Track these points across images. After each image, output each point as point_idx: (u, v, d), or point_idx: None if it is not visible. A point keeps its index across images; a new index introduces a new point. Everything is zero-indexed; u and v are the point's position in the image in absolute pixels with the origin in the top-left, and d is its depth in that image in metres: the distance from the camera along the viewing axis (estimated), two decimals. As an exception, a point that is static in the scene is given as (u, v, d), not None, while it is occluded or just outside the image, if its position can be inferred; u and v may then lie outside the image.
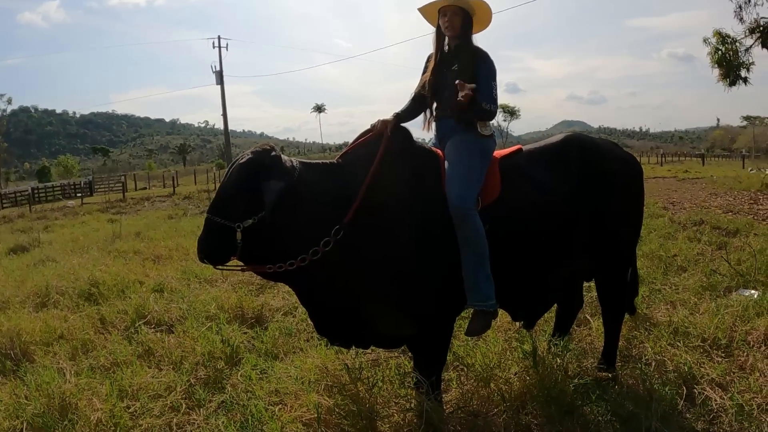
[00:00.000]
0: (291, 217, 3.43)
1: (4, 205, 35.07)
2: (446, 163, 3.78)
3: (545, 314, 4.70)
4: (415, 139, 3.91)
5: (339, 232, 3.45)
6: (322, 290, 3.66)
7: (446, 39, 4.04)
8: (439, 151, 3.91)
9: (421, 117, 4.08)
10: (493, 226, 3.65)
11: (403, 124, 3.91)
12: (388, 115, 3.88)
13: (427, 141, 4.20)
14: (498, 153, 4.01)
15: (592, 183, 4.01)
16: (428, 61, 4.12)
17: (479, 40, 4.01)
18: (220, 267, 3.61)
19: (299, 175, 3.52)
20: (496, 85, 3.81)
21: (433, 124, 4.09)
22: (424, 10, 4.07)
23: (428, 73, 4.05)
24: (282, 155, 3.59)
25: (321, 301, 3.71)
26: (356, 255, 3.54)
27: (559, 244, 3.98)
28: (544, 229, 3.89)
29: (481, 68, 3.83)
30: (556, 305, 4.75)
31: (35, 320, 6.06)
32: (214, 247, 3.50)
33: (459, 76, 3.83)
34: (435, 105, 4.05)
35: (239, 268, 3.66)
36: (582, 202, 3.97)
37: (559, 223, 3.93)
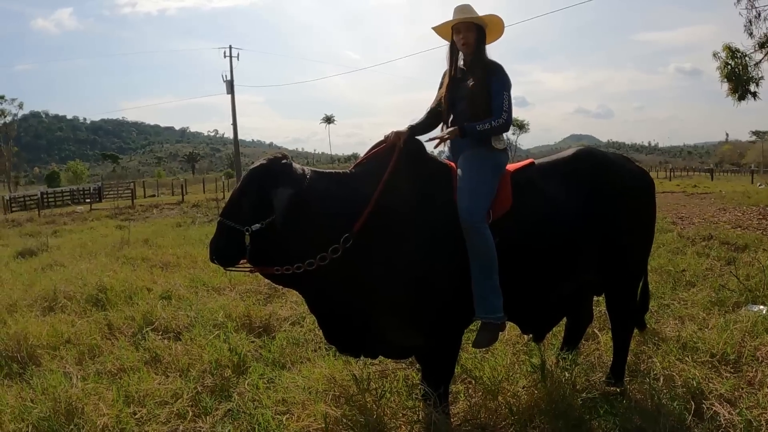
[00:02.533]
0: (300, 223, 3.48)
1: (14, 209, 35.23)
2: (458, 175, 3.78)
3: (554, 328, 4.68)
4: (428, 151, 3.94)
5: (348, 240, 3.48)
6: (330, 297, 3.69)
7: (460, 54, 4.07)
8: (451, 164, 3.93)
9: (434, 131, 4.10)
10: (504, 239, 3.65)
11: (417, 137, 3.94)
12: (397, 127, 3.90)
13: (437, 153, 4.21)
14: (510, 166, 4.02)
15: (603, 197, 4.00)
16: (444, 77, 4.16)
17: (490, 51, 4.04)
18: (231, 268, 3.73)
19: (310, 182, 3.58)
20: (509, 96, 3.84)
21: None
22: (438, 28, 4.10)
23: (443, 89, 4.07)
24: (294, 163, 3.66)
25: (330, 309, 3.74)
26: (365, 263, 3.57)
27: (569, 258, 3.98)
28: (554, 242, 3.88)
29: (494, 81, 3.86)
30: (565, 319, 4.73)
31: (42, 324, 6.07)
32: (224, 249, 3.63)
33: (473, 90, 3.87)
34: (450, 119, 4.07)
35: (248, 269, 3.73)
36: (593, 216, 3.96)
37: (570, 236, 3.93)
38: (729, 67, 20.10)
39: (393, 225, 3.59)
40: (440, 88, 4.14)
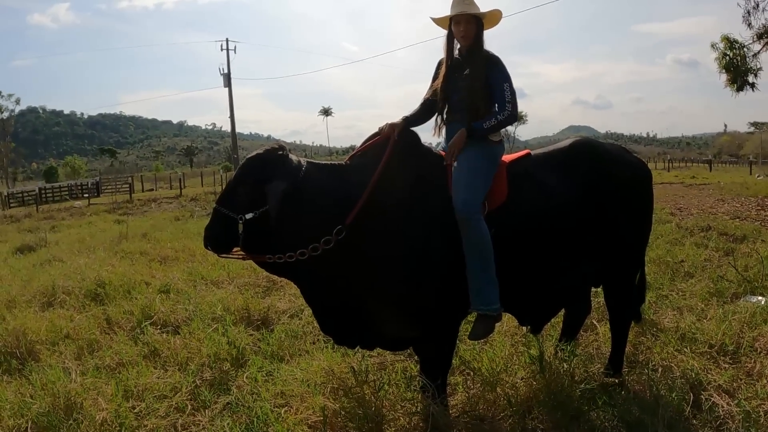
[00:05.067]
0: (293, 214, 3.52)
1: (12, 205, 35.24)
2: (453, 167, 3.78)
3: (552, 319, 4.67)
4: (423, 143, 3.93)
5: (341, 231, 3.50)
6: (325, 288, 3.71)
7: (456, 44, 4.05)
8: (442, 153, 3.92)
9: (430, 122, 4.08)
10: (500, 231, 3.65)
11: (412, 129, 3.93)
12: (395, 119, 3.89)
13: (434, 144, 4.19)
14: (506, 157, 4.01)
15: (600, 188, 3.99)
16: (439, 67, 4.11)
17: (487, 41, 4.01)
18: (224, 255, 3.78)
19: (304, 174, 3.62)
20: (510, 87, 3.81)
21: (443, 129, 4.09)
22: (436, 19, 4.08)
23: (439, 79, 4.04)
24: (290, 154, 3.70)
25: (324, 299, 3.77)
26: (358, 254, 3.59)
27: (566, 249, 3.97)
28: (551, 234, 3.88)
29: (494, 73, 3.84)
30: (563, 310, 4.73)
31: (41, 319, 6.07)
32: (218, 236, 3.71)
33: (471, 81, 3.85)
34: (445, 109, 4.05)
35: (240, 256, 3.77)
36: (590, 207, 3.96)
37: (567, 228, 3.92)
38: (727, 57, 20.09)
39: (387, 217, 3.60)
40: (435, 78, 4.11)
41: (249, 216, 3.54)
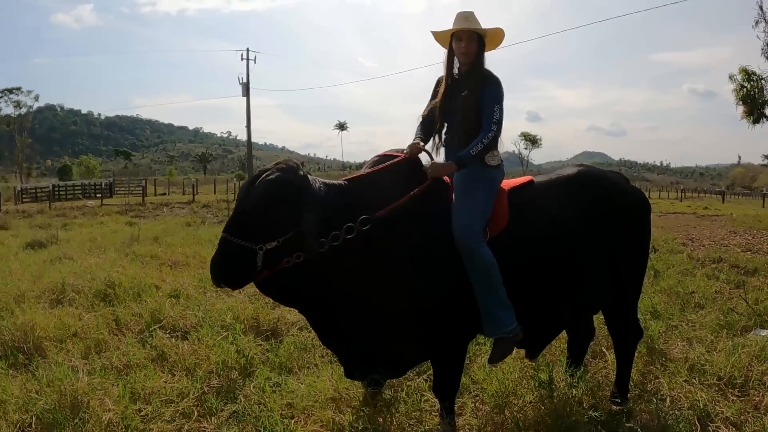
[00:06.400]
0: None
1: (24, 200, 35.40)
2: (453, 193, 3.76)
3: (560, 345, 4.66)
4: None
5: (365, 222, 3.40)
6: (327, 304, 3.59)
7: (457, 63, 4.01)
8: (447, 179, 3.89)
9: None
10: (500, 257, 3.61)
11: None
12: (409, 135, 3.94)
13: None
14: (508, 183, 4.00)
15: (606, 217, 4.01)
16: (438, 84, 4.08)
17: (494, 61, 4.00)
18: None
19: (324, 195, 3.48)
20: (500, 109, 3.76)
21: (442, 150, 4.07)
22: (436, 33, 4.04)
23: (438, 98, 4.01)
24: (308, 175, 3.49)
25: (326, 319, 3.66)
26: (364, 273, 3.51)
27: (566, 278, 3.96)
28: (552, 260, 3.87)
29: (486, 93, 3.79)
30: (567, 337, 4.73)
31: (50, 316, 6.09)
32: (233, 271, 3.33)
33: (466, 102, 3.82)
34: (444, 130, 4.05)
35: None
36: (593, 235, 3.97)
37: (568, 256, 3.91)
38: (745, 89, 20.07)
39: (393, 234, 3.53)
40: (434, 97, 4.07)
41: (271, 245, 3.24)
